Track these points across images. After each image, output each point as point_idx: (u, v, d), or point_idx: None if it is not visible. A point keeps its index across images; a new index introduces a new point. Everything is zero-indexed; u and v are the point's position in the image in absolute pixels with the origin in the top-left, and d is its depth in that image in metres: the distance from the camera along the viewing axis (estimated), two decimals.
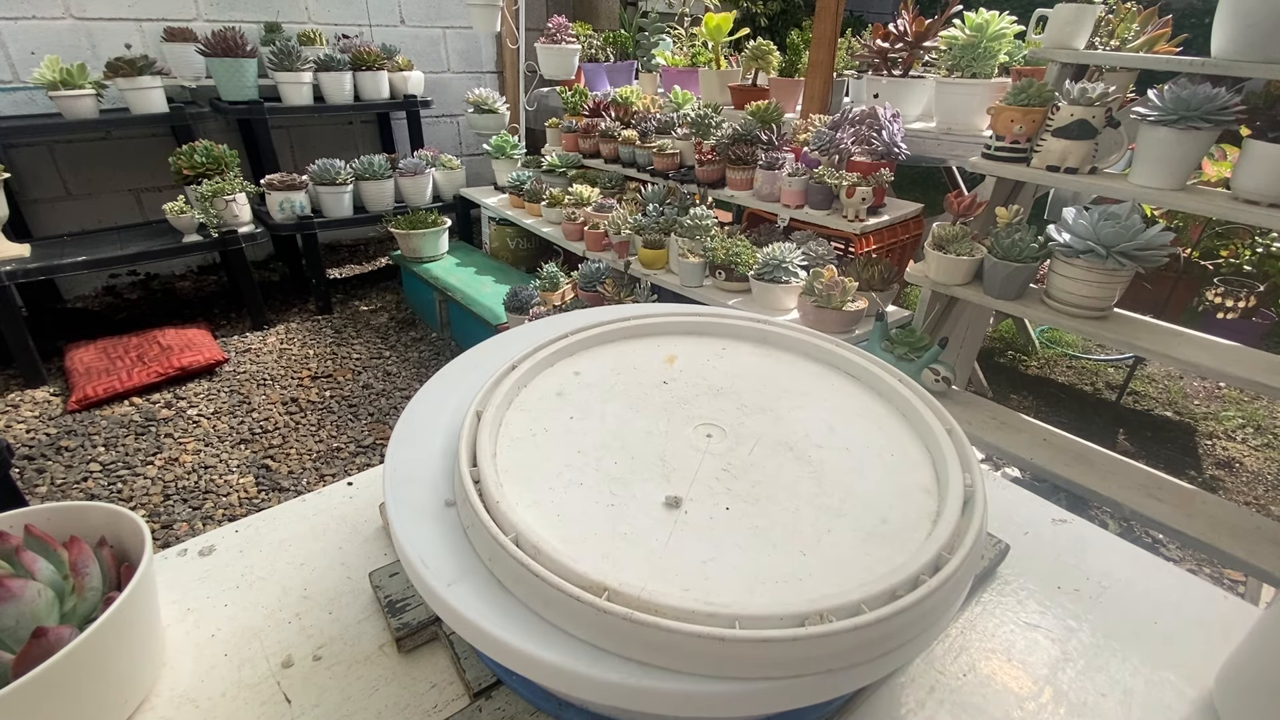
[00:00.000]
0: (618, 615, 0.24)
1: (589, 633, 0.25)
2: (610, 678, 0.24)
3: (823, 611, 0.25)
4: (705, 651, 0.24)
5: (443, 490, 0.32)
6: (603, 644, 0.25)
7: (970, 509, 0.30)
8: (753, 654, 0.24)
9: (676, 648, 0.24)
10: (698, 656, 0.24)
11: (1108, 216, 1.30)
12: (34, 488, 1.61)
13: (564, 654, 0.25)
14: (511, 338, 0.44)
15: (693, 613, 0.25)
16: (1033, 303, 1.46)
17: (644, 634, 0.24)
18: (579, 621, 0.25)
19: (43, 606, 0.31)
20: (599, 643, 0.25)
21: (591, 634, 0.25)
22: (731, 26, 2.14)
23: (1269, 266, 2.25)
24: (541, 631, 0.26)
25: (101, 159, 2.50)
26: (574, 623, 0.25)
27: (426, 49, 3.08)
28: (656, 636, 0.24)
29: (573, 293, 1.99)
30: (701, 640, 0.24)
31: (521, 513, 0.30)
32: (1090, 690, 0.36)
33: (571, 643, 0.25)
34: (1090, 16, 1.44)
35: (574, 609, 0.25)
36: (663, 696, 0.24)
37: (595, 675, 0.24)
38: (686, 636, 0.24)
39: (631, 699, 0.24)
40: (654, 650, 0.24)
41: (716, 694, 0.24)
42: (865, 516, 0.30)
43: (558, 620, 0.26)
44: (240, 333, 2.43)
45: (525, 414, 0.38)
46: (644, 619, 0.24)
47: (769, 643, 0.24)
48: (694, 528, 0.30)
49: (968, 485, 0.31)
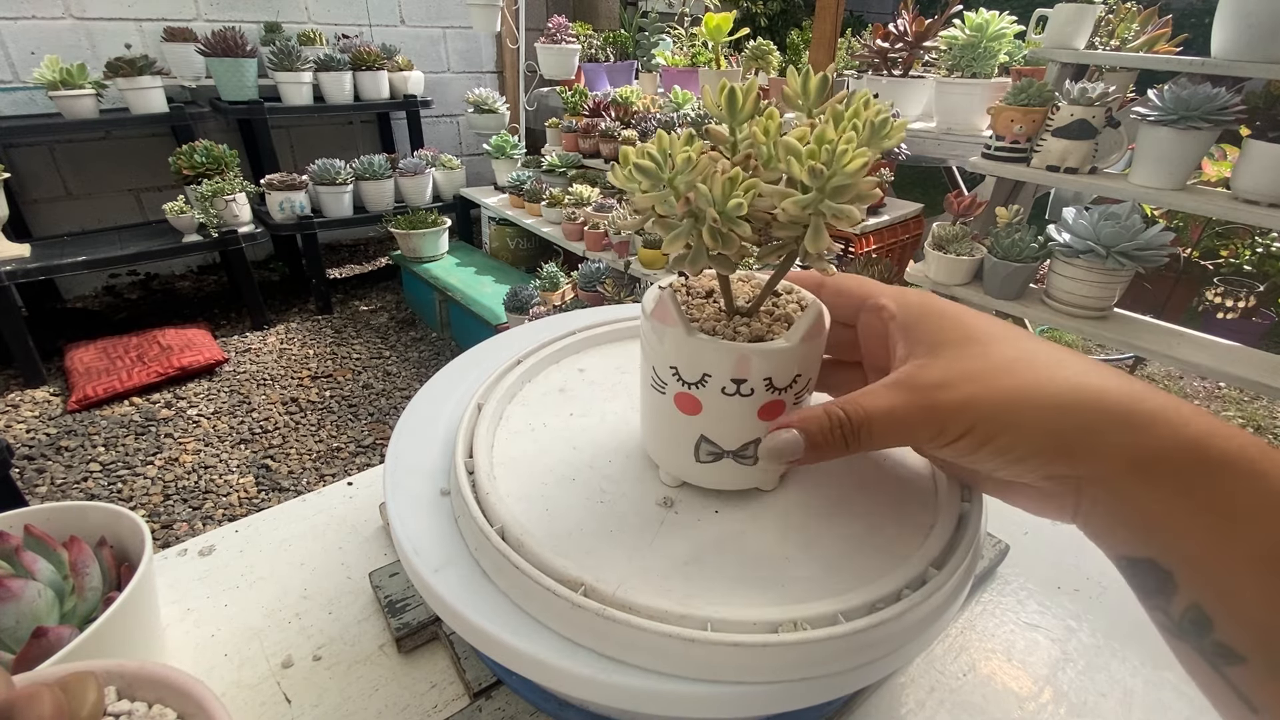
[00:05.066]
0: (591, 611, 0.25)
1: (564, 626, 0.25)
2: (582, 671, 0.24)
3: (797, 619, 0.25)
4: (674, 652, 0.24)
5: (440, 481, 0.33)
6: (577, 638, 0.25)
7: (964, 525, 0.29)
8: (722, 657, 0.24)
9: (647, 646, 0.24)
10: (667, 656, 0.24)
11: (1108, 216, 1.30)
12: (34, 488, 1.61)
13: (539, 645, 0.25)
14: (516, 335, 0.44)
15: (666, 612, 0.25)
16: (1033, 303, 1.46)
17: (616, 631, 0.24)
18: (554, 615, 0.26)
19: (43, 606, 0.31)
20: (574, 637, 0.25)
21: (567, 628, 0.25)
22: (731, 26, 2.14)
23: (1269, 266, 2.25)
24: (519, 622, 0.26)
25: (101, 159, 2.50)
26: (550, 615, 0.26)
27: (426, 49, 3.08)
28: (627, 634, 0.24)
29: (573, 293, 1.99)
30: (671, 640, 0.24)
31: (510, 505, 0.30)
32: (1090, 690, 0.36)
33: (548, 635, 0.25)
34: (1090, 16, 1.44)
35: (550, 602, 0.25)
36: (633, 694, 0.24)
37: (568, 668, 0.24)
38: (657, 636, 0.24)
39: (602, 694, 0.25)
40: (625, 648, 0.25)
41: (688, 695, 0.24)
42: (856, 525, 0.30)
43: (536, 612, 0.26)
44: (240, 333, 2.43)
45: (526, 408, 0.38)
46: (616, 615, 0.24)
47: (738, 647, 0.24)
48: (681, 529, 0.30)
49: (965, 502, 0.31)
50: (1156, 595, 0.21)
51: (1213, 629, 0.20)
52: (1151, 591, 0.21)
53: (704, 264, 0.26)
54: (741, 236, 0.25)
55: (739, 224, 0.24)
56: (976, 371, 0.24)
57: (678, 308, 0.27)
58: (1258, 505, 0.19)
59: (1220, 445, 0.20)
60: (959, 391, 0.23)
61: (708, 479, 0.31)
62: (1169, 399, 0.22)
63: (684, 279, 0.32)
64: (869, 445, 0.25)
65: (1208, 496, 0.20)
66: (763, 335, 0.28)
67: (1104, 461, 0.21)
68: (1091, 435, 0.21)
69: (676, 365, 0.28)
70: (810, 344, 0.27)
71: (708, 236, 0.25)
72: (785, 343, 0.27)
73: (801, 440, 0.26)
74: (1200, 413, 0.21)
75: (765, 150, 0.25)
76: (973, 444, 0.23)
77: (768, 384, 0.27)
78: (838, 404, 0.26)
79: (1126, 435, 0.21)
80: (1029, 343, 0.25)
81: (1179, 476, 0.20)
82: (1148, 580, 0.21)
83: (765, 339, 0.27)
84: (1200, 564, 0.20)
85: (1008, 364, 0.24)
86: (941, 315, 0.26)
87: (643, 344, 0.30)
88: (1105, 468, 0.21)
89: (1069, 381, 0.22)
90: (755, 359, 0.26)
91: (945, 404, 0.23)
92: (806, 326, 0.27)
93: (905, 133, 0.25)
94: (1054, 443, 0.22)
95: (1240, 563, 0.19)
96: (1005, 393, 0.23)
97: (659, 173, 0.25)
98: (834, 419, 0.25)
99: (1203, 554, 0.20)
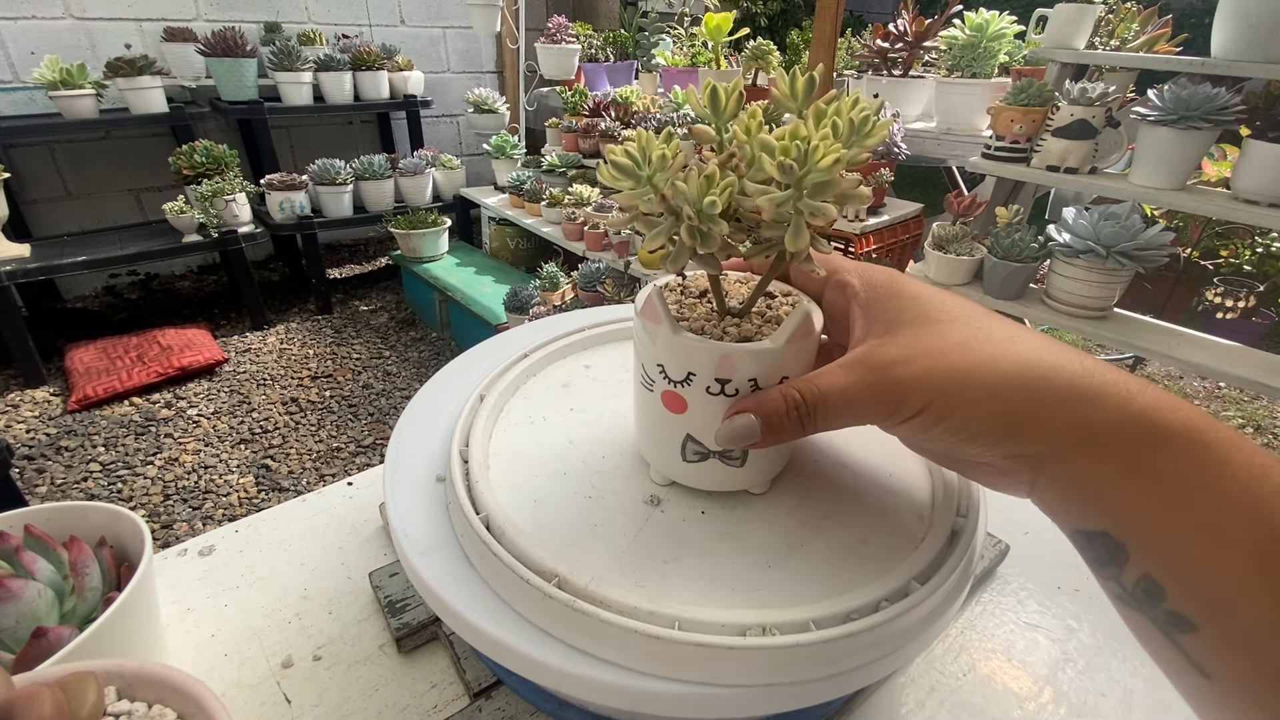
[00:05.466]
0: (561, 602, 0.25)
1: (538, 616, 0.26)
2: (550, 660, 0.25)
3: (766, 624, 0.25)
4: (640, 648, 0.24)
5: (439, 468, 0.33)
6: (549, 629, 0.26)
7: (956, 542, 0.29)
8: (688, 657, 0.24)
9: (614, 641, 0.25)
10: (634, 652, 0.24)
11: (1108, 216, 1.30)
12: (34, 488, 1.61)
13: (512, 633, 0.25)
14: (517, 335, 0.44)
15: (635, 609, 0.25)
16: (1033, 303, 1.46)
17: (585, 624, 0.25)
18: (528, 604, 0.26)
19: (43, 606, 0.31)
20: (546, 627, 0.26)
21: (539, 617, 0.26)
22: (731, 26, 2.14)
23: (1269, 266, 2.25)
24: (496, 609, 0.26)
25: (101, 159, 2.50)
26: (524, 604, 0.26)
27: (426, 49, 3.08)
28: (596, 627, 0.25)
29: (573, 293, 1.99)
30: (638, 637, 0.24)
31: (499, 495, 0.30)
32: (1090, 690, 0.36)
33: (521, 623, 0.26)
34: (1090, 16, 1.44)
35: (524, 591, 0.26)
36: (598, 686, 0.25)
37: (536, 656, 0.25)
38: (624, 631, 0.24)
39: (570, 685, 0.25)
40: (594, 641, 0.25)
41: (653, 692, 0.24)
42: (843, 535, 0.30)
43: (511, 600, 0.26)
44: (240, 333, 2.43)
45: (529, 401, 0.38)
46: (586, 609, 0.25)
47: (704, 648, 0.24)
48: (664, 528, 0.30)
49: (960, 517, 0.30)
50: (1110, 566, 0.21)
51: (1164, 598, 0.20)
52: (1105, 563, 0.22)
53: (686, 261, 0.25)
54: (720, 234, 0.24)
55: (717, 222, 0.24)
56: (931, 350, 0.24)
57: (665, 306, 0.27)
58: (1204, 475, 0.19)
59: (1166, 417, 0.20)
60: (913, 369, 0.23)
61: (695, 479, 0.31)
62: (1118, 374, 0.22)
63: (681, 279, 0.32)
64: (825, 425, 0.25)
65: (1156, 468, 0.20)
66: (751, 336, 0.27)
67: (1054, 437, 0.22)
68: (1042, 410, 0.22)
69: (663, 363, 0.28)
70: (796, 345, 0.27)
71: (686, 234, 0.24)
72: (770, 344, 0.26)
73: (758, 424, 0.26)
74: (1147, 386, 0.21)
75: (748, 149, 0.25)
76: (927, 422, 0.23)
77: (753, 385, 0.27)
78: (793, 385, 0.26)
79: (1076, 410, 0.21)
80: (985, 320, 0.25)
81: (1128, 450, 0.20)
82: (1101, 552, 0.22)
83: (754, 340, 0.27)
84: (1151, 534, 0.20)
85: (962, 342, 0.24)
86: (901, 294, 0.26)
87: (634, 342, 0.30)
88: (1056, 443, 0.22)
89: (1020, 358, 0.22)
90: (739, 359, 0.26)
91: (900, 381, 0.24)
92: (793, 328, 0.27)
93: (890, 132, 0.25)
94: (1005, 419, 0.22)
95: (1189, 532, 0.19)
96: (958, 370, 0.23)
97: (637, 171, 0.25)
98: (789, 401, 0.25)
99: (1153, 525, 0.20)
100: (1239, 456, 0.19)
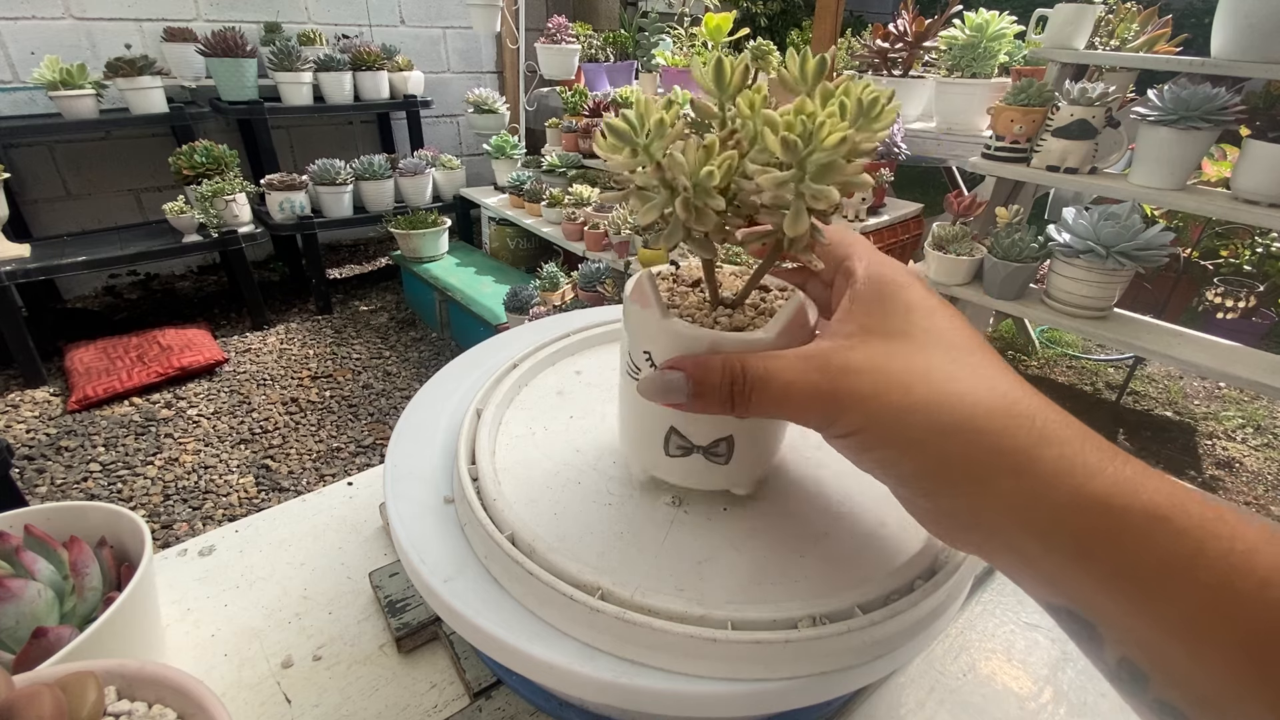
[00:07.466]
0: (610, 615, 0.24)
1: (583, 632, 0.25)
2: (604, 676, 0.24)
3: (816, 615, 0.25)
4: (698, 652, 0.24)
5: (442, 488, 0.32)
6: (596, 643, 0.25)
7: None
8: (745, 656, 0.24)
9: (669, 648, 0.24)
10: (690, 657, 0.24)
11: (1108, 216, 1.30)
12: (34, 488, 1.61)
13: (559, 652, 0.25)
14: (513, 337, 0.44)
15: (685, 614, 0.25)
16: (1033, 303, 1.46)
17: (637, 634, 0.24)
18: (573, 620, 0.25)
19: (43, 606, 0.31)
20: (593, 642, 0.25)
21: (585, 633, 0.25)
22: (731, 26, 2.14)
23: (1269, 266, 2.25)
24: (536, 629, 0.26)
25: (101, 159, 2.50)
26: (568, 621, 0.25)
27: (426, 49, 3.08)
28: (649, 637, 0.24)
29: (573, 293, 1.99)
30: (695, 642, 0.24)
31: (519, 510, 0.30)
32: (1090, 690, 0.36)
33: (566, 641, 0.25)
34: (1090, 16, 1.44)
35: (568, 608, 0.25)
36: (656, 696, 0.24)
37: (589, 674, 0.24)
38: (679, 638, 0.24)
39: (625, 698, 0.24)
40: (647, 650, 0.24)
41: (709, 694, 0.24)
42: (863, 519, 0.30)
43: (552, 619, 0.26)
44: (240, 333, 2.43)
45: (525, 412, 0.37)
46: (637, 619, 0.24)
47: (761, 645, 0.24)
48: (691, 528, 0.29)
49: None
50: (1087, 643, 0.19)
51: (1149, 685, 0.18)
52: (1082, 639, 0.20)
53: (679, 239, 0.24)
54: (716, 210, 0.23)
55: (714, 196, 0.23)
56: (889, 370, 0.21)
57: (655, 291, 0.27)
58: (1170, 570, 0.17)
59: (1126, 503, 0.18)
60: (861, 383, 0.21)
61: (677, 475, 0.30)
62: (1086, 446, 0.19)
63: (674, 268, 0.31)
64: (758, 410, 0.23)
65: (1113, 562, 0.18)
66: (743, 327, 0.26)
67: (990, 510, 0.19)
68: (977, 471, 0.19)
69: (650, 350, 0.27)
70: (789, 338, 0.26)
71: (680, 207, 0.23)
72: (762, 334, 0.25)
73: (686, 384, 0.24)
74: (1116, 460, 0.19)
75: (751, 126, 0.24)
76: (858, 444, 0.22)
77: None
78: (740, 357, 0.23)
79: (1019, 482, 0.19)
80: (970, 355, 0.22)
81: (1078, 539, 0.18)
82: (1075, 627, 0.20)
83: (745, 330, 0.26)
84: (1120, 624, 0.18)
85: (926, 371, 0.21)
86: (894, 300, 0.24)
87: (623, 330, 0.29)
88: (994, 517, 0.19)
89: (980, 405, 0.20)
90: (728, 348, 0.25)
91: (843, 393, 0.21)
92: (786, 320, 0.26)
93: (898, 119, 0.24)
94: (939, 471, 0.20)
95: (1163, 634, 0.17)
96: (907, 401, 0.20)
97: (634, 137, 0.24)
98: (728, 372, 0.23)
99: (1119, 619, 0.18)
100: (1215, 545, 0.17)
